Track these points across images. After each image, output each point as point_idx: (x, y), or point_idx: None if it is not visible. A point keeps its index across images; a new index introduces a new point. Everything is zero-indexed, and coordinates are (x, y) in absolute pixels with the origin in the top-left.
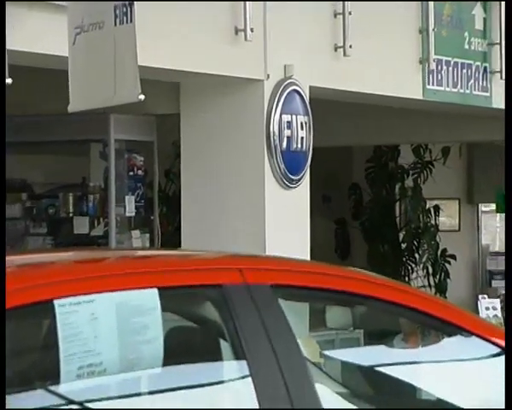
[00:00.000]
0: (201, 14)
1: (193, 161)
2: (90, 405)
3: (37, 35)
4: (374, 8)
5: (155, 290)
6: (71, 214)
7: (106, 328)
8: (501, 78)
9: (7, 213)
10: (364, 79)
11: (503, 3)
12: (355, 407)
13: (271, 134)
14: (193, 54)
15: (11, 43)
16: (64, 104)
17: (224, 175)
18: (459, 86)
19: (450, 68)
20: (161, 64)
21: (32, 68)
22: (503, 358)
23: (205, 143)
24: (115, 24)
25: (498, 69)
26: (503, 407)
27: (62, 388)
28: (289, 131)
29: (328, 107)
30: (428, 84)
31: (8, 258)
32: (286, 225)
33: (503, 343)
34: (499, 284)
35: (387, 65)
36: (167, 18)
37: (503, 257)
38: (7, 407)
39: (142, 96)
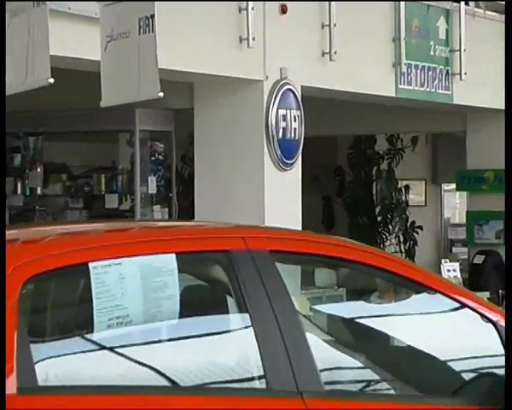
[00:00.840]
0: (211, 25)
1: (204, 147)
2: (118, 350)
3: (75, 43)
4: (354, 21)
5: (173, 255)
6: (103, 192)
7: (131, 286)
8: (460, 79)
9: (50, 191)
10: (347, 79)
11: (463, 17)
12: (339, 352)
13: (269, 125)
14: (204, 59)
15: (60, 51)
16: (97, 101)
17: (230, 160)
18: (425, 86)
19: (418, 71)
20: (178, 67)
21: (72, 70)
22: (462, 311)
23: (214, 132)
24: (139, 33)
25: (458, 72)
26: (463, 351)
27: (95, 336)
28: (284, 123)
29: (316, 103)
30: (400, 83)
31: (52, 227)
32: (281, 201)
33: (461, 299)
34: (458, 251)
35: (366, 68)
36: (183, 28)
37: (463, 228)
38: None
39: (161, 94)
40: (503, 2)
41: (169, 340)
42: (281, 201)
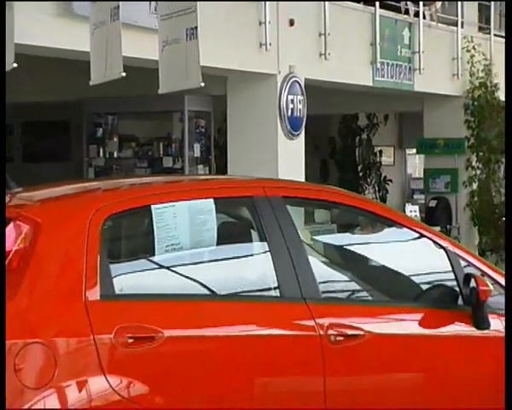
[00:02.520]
0: (240, 34)
1: (234, 123)
2: (172, 268)
3: (140, 47)
4: (343, 31)
5: (211, 200)
6: (161, 155)
7: (182, 222)
8: (419, 73)
9: (123, 155)
10: (337, 73)
11: (421, 28)
12: (331, 270)
13: (281, 107)
14: (234, 58)
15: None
16: (156, 89)
17: (253, 132)
18: (394, 78)
19: (389, 67)
20: (215, 65)
21: (138, 67)
22: (421, 239)
23: (241, 112)
24: (186, 40)
25: (418, 68)
26: (421, 269)
27: (157, 258)
28: (292, 105)
29: (315, 90)
30: (376, 76)
31: (124, 180)
32: (290, 161)
33: (421, 231)
34: (418, 197)
35: (351, 65)
36: (219, 36)
37: (421, 180)
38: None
39: (202, 84)
40: (451, 17)
41: (209, 261)
42: (289, 161)
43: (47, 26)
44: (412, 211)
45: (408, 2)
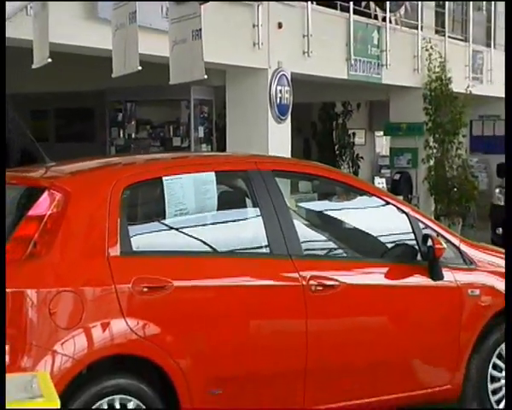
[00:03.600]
0: (237, 35)
1: (232, 109)
2: (180, 229)
3: (153, 45)
4: (323, 33)
5: (213, 173)
6: (171, 136)
7: (188, 191)
8: (386, 68)
9: (140, 136)
10: (318, 68)
11: (388, 31)
12: (312, 231)
13: (271, 96)
14: (233, 55)
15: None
16: (167, 80)
17: (248, 116)
18: (365, 72)
19: (361, 63)
20: (217, 60)
21: (152, 63)
22: (387, 206)
23: (238, 100)
24: (192, 40)
25: (385, 63)
26: (387, 230)
27: (167, 221)
28: (280, 94)
29: (299, 83)
30: (350, 71)
31: (140, 157)
32: (278, 141)
33: (387, 199)
34: (385, 171)
35: (329, 62)
36: (220, 37)
37: (387, 158)
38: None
39: (205, 76)
40: (412, 22)
41: (210, 224)
42: (277, 141)
43: (75, 27)
44: (380, 183)
45: (377, 9)
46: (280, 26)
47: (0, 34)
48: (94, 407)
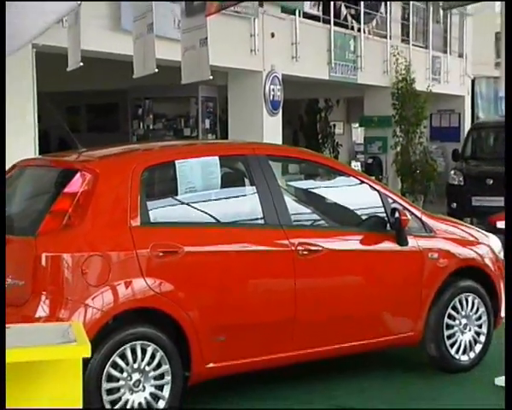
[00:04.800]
0: (237, 43)
1: (233, 105)
2: (190, 203)
3: (167, 52)
4: (308, 41)
5: (217, 157)
6: (182, 127)
7: (196, 172)
8: (361, 70)
9: (156, 127)
10: (304, 71)
11: (362, 39)
12: (300, 205)
13: (265, 93)
14: (233, 60)
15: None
16: (179, 80)
17: (246, 111)
18: (344, 74)
19: (340, 66)
20: (220, 64)
21: (166, 66)
22: (362, 184)
23: (238, 97)
24: (200, 47)
25: (360, 67)
26: (362, 205)
27: (179, 197)
28: (273, 92)
29: (288, 83)
30: (331, 73)
31: (156, 144)
32: (271, 131)
33: (362, 179)
34: (360, 156)
35: (314, 65)
36: (223, 45)
37: (362, 145)
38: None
39: (211, 77)
40: (382, 32)
41: (215, 199)
42: (271, 131)
43: (103, 36)
44: (356, 165)
45: (353, 21)
46: (272, 35)
47: (0, 34)
48: (118, 352)
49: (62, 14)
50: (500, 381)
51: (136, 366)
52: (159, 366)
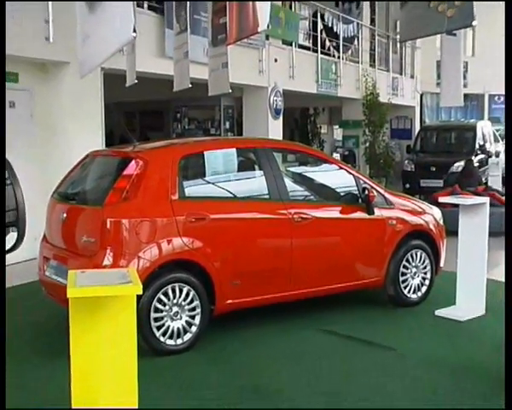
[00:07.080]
0: (250, 65)
1: (247, 111)
2: (216, 183)
3: (198, 72)
4: (301, 65)
5: (234, 149)
6: (209, 127)
7: (218, 160)
8: (340, 86)
9: (190, 127)
10: (299, 86)
11: (342, 64)
12: (295, 185)
13: (270, 103)
14: (247, 78)
15: (193, 74)
16: (206, 92)
17: (256, 116)
18: (327, 89)
19: (325, 83)
20: (237, 81)
21: (200, 83)
22: (340, 170)
23: (250, 106)
24: (222, 68)
25: (340, 84)
26: (341, 185)
27: (206, 178)
28: (276, 102)
29: (287, 95)
30: (318, 88)
31: (190, 139)
32: (274, 131)
33: (341, 166)
34: (339, 150)
35: (305, 82)
36: (239, 66)
37: (341, 141)
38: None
39: (230, 91)
40: (356, 59)
41: (233, 180)
42: (274, 130)
43: (151, 61)
44: (336, 156)
45: (334, 51)
46: (276, 60)
47: (0, 34)
48: (162, 291)
49: (122, 45)
50: (439, 312)
51: (175, 301)
52: (191, 301)
